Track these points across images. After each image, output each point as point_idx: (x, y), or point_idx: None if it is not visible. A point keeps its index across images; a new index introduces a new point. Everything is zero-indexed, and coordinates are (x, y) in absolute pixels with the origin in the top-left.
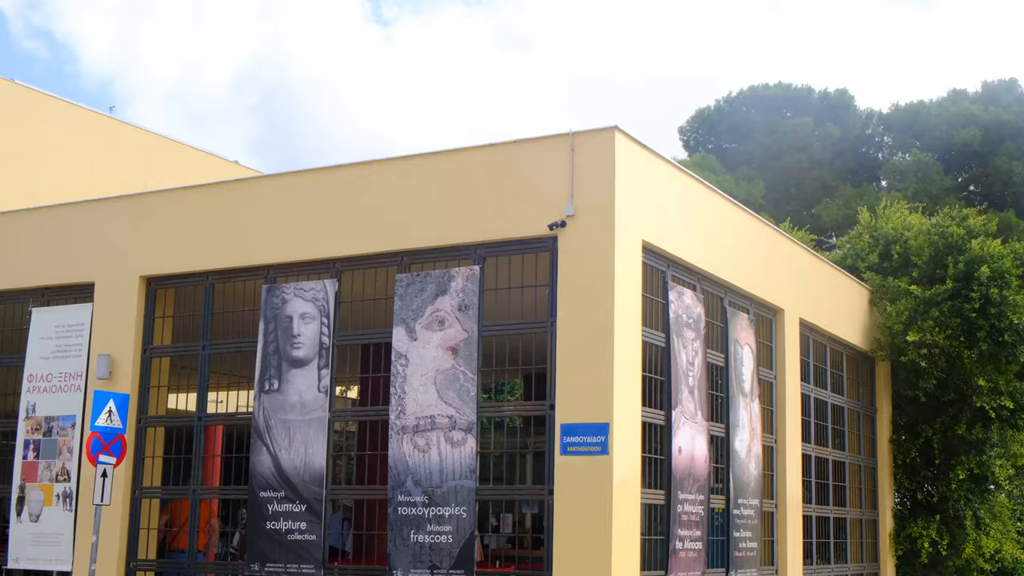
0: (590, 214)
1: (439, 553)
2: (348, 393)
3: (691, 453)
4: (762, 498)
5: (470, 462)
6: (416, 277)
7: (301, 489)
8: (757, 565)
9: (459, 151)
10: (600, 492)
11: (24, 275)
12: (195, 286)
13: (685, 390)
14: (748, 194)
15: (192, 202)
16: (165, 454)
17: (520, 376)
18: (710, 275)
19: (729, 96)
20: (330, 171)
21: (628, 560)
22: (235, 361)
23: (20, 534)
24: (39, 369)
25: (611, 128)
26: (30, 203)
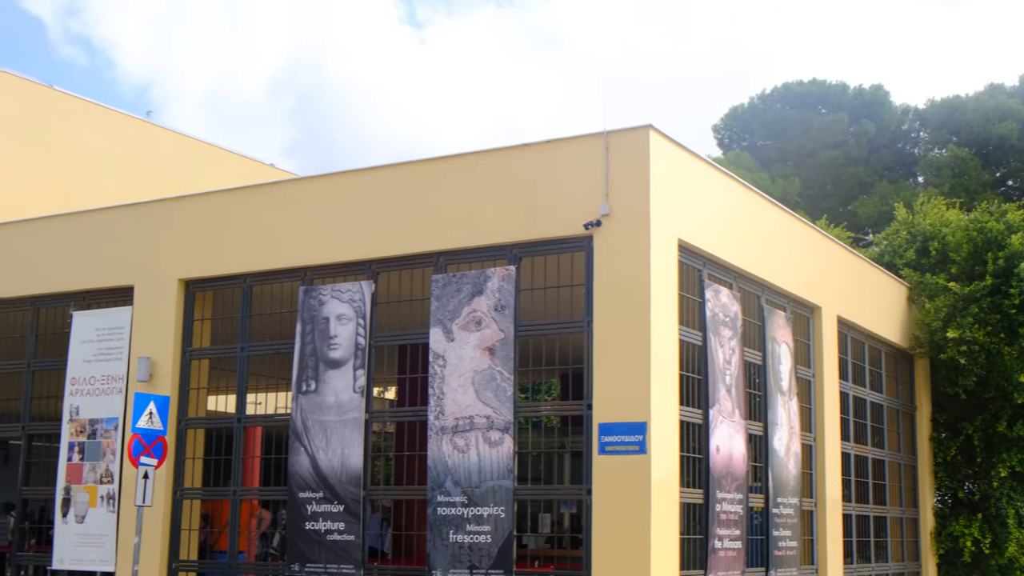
0: (625, 213)
1: (478, 553)
2: (385, 394)
3: (729, 452)
4: (801, 497)
5: (508, 462)
6: (452, 278)
7: (339, 490)
8: (797, 564)
9: (494, 151)
10: (638, 491)
11: (64, 279)
12: (233, 288)
13: (722, 389)
14: (784, 191)
15: (229, 205)
16: (205, 455)
17: (557, 376)
18: (746, 273)
19: (763, 93)
20: (365, 173)
21: (667, 560)
22: (273, 363)
23: (65, 535)
24: (81, 372)
25: (645, 127)
26: (69, 208)
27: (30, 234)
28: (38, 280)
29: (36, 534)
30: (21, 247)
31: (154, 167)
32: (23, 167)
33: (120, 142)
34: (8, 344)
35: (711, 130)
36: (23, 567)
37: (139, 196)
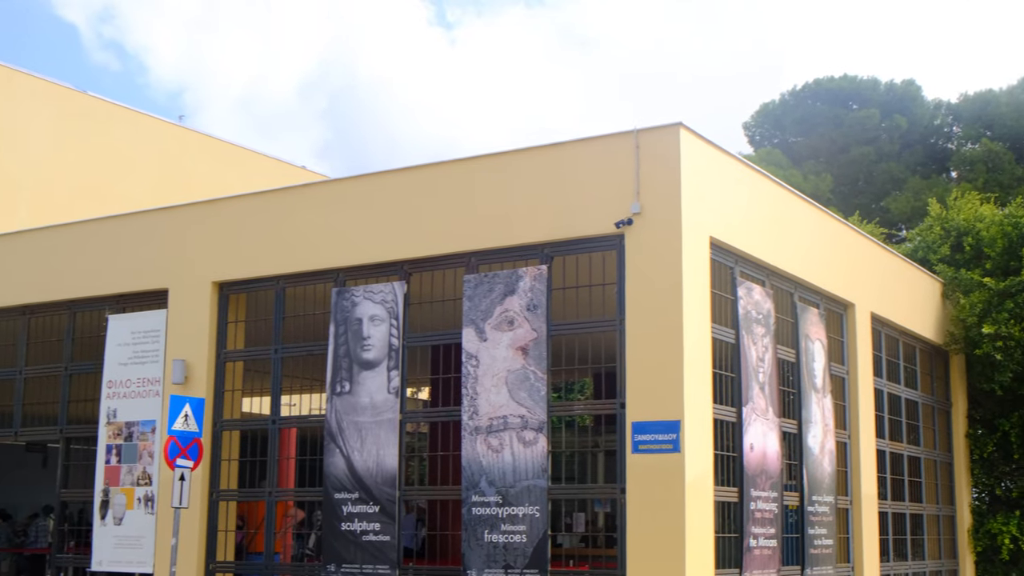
0: (657, 211)
1: (513, 553)
2: (419, 394)
3: (763, 450)
4: (836, 495)
5: (542, 461)
6: (484, 278)
7: (374, 490)
8: (833, 562)
9: (524, 151)
10: (672, 490)
11: (100, 283)
12: (266, 290)
13: (756, 386)
14: (815, 188)
15: (261, 208)
16: (240, 457)
17: (590, 375)
18: (779, 270)
19: (794, 90)
20: (397, 174)
21: (702, 558)
22: (307, 364)
23: (104, 537)
24: (117, 375)
25: (676, 125)
26: (104, 212)
27: (65, 238)
28: (74, 284)
29: (75, 536)
30: (57, 251)
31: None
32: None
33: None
34: (45, 348)
35: (742, 127)
36: (63, 569)
37: (172, 200)
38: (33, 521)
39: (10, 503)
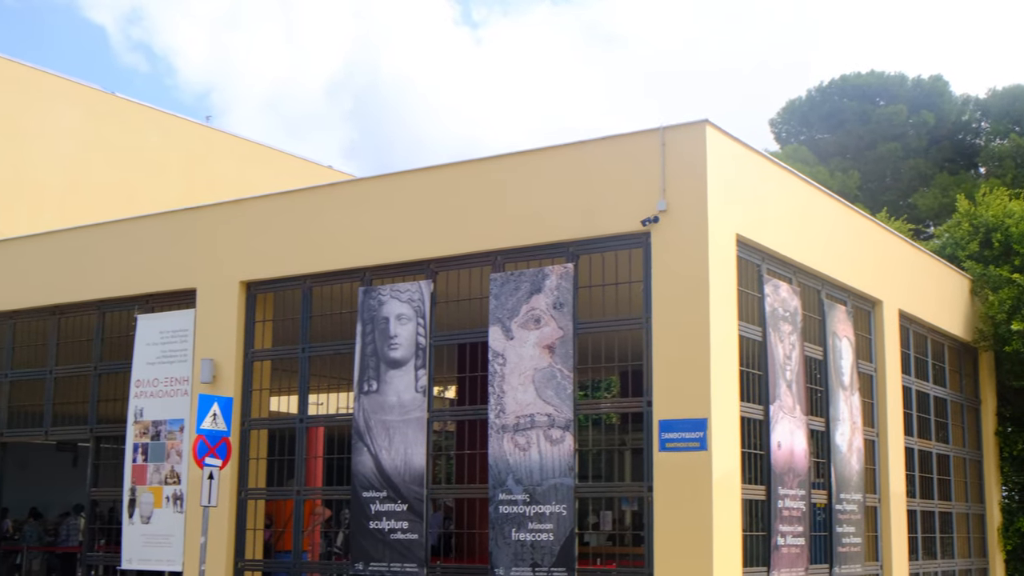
0: (683, 209)
1: (540, 551)
2: (446, 393)
3: (791, 448)
4: (865, 492)
5: (569, 460)
6: (510, 276)
7: (402, 489)
8: (861, 561)
9: (550, 149)
10: (700, 488)
11: (128, 283)
12: (293, 290)
13: (783, 384)
14: (843, 185)
15: (288, 207)
16: (268, 456)
17: (616, 373)
18: (806, 268)
19: (820, 86)
20: (423, 173)
21: (730, 556)
22: (334, 363)
23: (132, 535)
24: (146, 374)
25: (702, 122)
26: (132, 213)
27: (94, 239)
28: (103, 284)
29: (105, 534)
30: (86, 252)
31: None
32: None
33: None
34: (75, 348)
35: (768, 124)
36: (93, 567)
37: (200, 200)
38: (64, 520)
39: (41, 502)
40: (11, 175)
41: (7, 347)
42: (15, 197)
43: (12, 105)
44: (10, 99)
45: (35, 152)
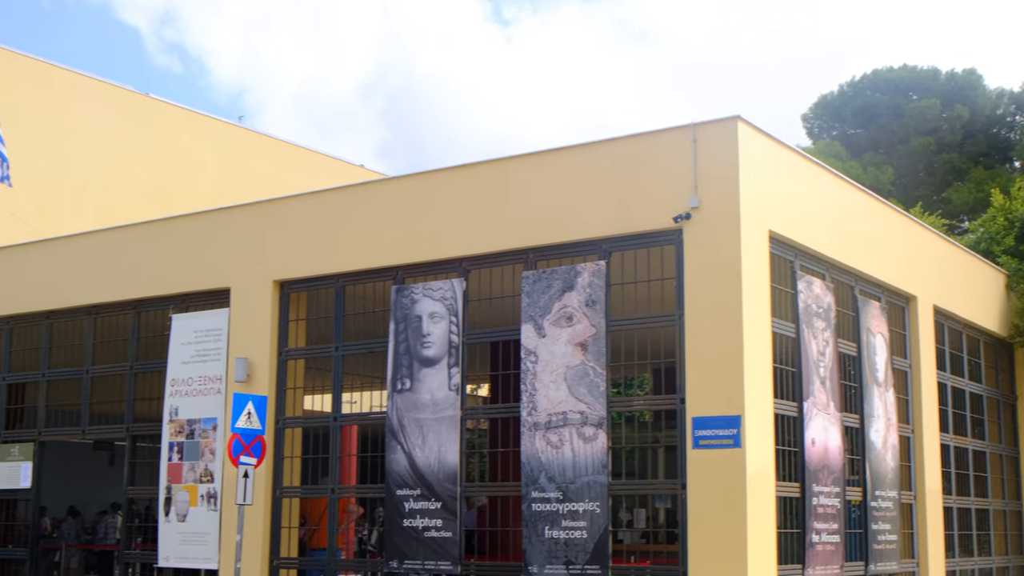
0: (715, 205)
1: (574, 549)
2: (479, 391)
3: (825, 444)
4: (900, 489)
5: (602, 457)
6: (543, 274)
7: (436, 487)
8: (897, 558)
9: (581, 146)
10: (734, 485)
11: (163, 282)
12: (326, 288)
13: (816, 381)
14: (876, 180)
15: (321, 206)
16: (303, 454)
17: (649, 370)
18: (839, 263)
19: (852, 81)
20: (455, 171)
21: (764, 554)
22: (367, 362)
23: (169, 534)
24: (180, 374)
25: (734, 118)
26: (167, 213)
27: (130, 239)
28: (138, 284)
29: (142, 533)
30: (121, 252)
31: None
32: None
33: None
34: (111, 347)
35: (800, 119)
36: (131, 565)
37: (234, 199)
38: (102, 518)
39: (79, 500)
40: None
41: (44, 347)
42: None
43: (48, 107)
44: (46, 101)
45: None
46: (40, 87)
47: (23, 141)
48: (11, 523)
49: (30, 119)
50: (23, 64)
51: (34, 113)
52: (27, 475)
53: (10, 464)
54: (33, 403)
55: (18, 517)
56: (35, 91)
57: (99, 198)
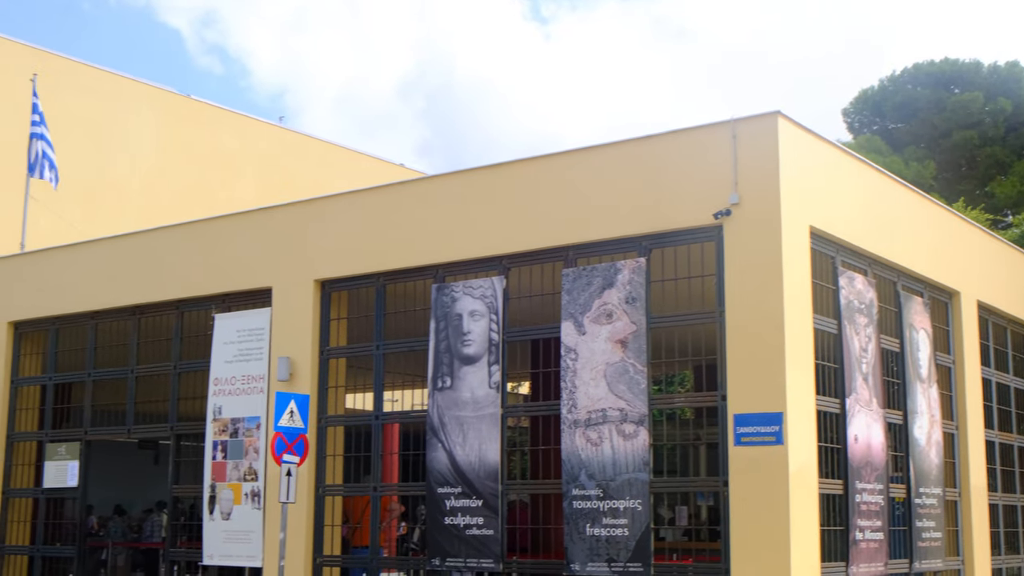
0: (755, 201)
1: (615, 546)
2: (519, 389)
3: (867, 441)
4: (944, 487)
5: (643, 455)
6: (583, 271)
7: (477, 484)
8: (942, 556)
9: (621, 143)
10: (776, 482)
11: (206, 282)
12: (367, 287)
13: (859, 377)
14: (917, 174)
15: (361, 206)
16: (345, 452)
17: (690, 367)
18: (881, 259)
19: (893, 75)
20: (494, 169)
21: (807, 551)
22: (408, 360)
23: (213, 532)
24: (223, 373)
25: (774, 113)
26: (209, 213)
27: (172, 240)
28: (181, 284)
29: (187, 531)
30: (165, 253)
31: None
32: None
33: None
34: (155, 347)
35: (840, 114)
36: (176, 563)
37: (275, 199)
38: (148, 516)
39: (125, 499)
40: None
41: (90, 347)
42: (96, 200)
43: (92, 110)
44: (90, 104)
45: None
46: (84, 90)
47: (68, 144)
48: (59, 521)
49: (74, 122)
50: (67, 67)
51: (78, 116)
52: (74, 474)
53: (57, 463)
54: (79, 403)
55: (66, 515)
56: (79, 94)
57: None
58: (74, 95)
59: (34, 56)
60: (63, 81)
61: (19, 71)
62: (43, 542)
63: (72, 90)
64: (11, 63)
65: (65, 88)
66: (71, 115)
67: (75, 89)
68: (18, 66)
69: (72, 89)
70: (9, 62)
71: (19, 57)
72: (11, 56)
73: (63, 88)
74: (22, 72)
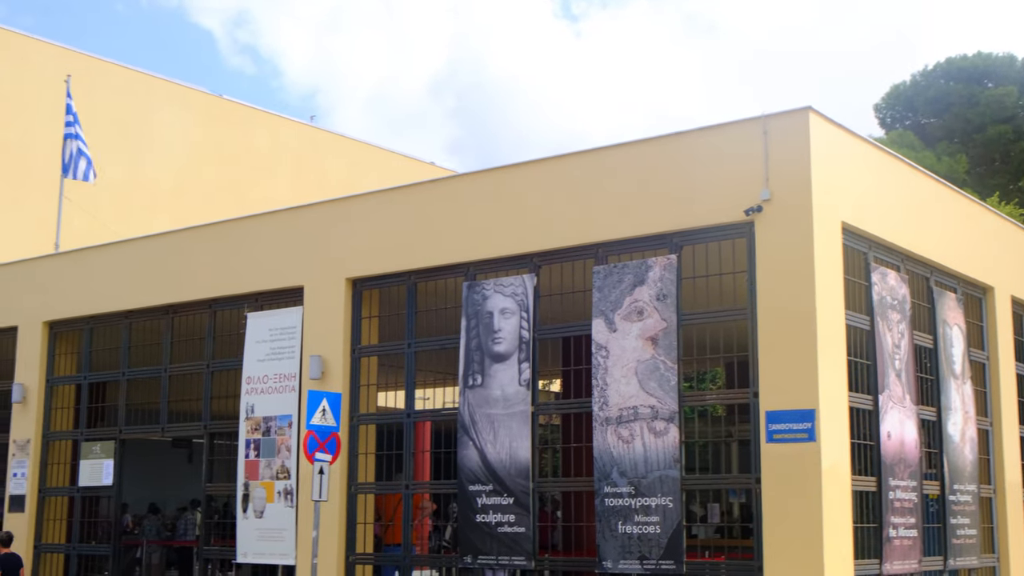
0: (787, 198)
1: (647, 544)
2: (551, 387)
3: (901, 438)
4: (979, 483)
5: (674, 452)
6: (613, 268)
7: (508, 482)
8: (977, 553)
9: (651, 140)
10: (808, 479)
11: (238, 281)
12: (398, 286)
13: (892, 373)
14: (950, 169)
15: (392, 204)
16: (377, 450)
17: (721, 364)
18: (914, 255)
19: (925, 70)
20: (524, 167)
21: (840, 549)
22: (439, 358)
23: (247, 530)
24: (256, 371)
25: (805, 109)
26: (241, 212)
27: (205, 239)
28: (213, 283)
29: (221, 529)
30: (197, 252)
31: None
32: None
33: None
34: (188, 346)
35: (872, 110)
36: (210, 561)
37: (307, 198)
38: (182, 515)
39: (159, 497)
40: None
41: (124, 346)
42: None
43: (125, 110)
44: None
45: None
46: (117, 91)
47: (101, 144)
48: (94, 520)
49: (107, 122)
50: (100, 68)
51: (111, 116)
52: (109, 472)
53: (92, 462)
54: (114, 402)
55: (101, 514)
56: (112, 95)
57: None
58: (107, 96)
59: (68, 57)
60: (96, 82)
61: (53, 73)
62: (79, 540)
63: (105, 91)
64: (45, 65)
65: (98, 89)
66: (104, 116)
67: (108, 90)
68: (52, 68)
69: (105, 90)
70: (43, 64)
71: (53, 59)
72: (45, 58)
73: (96, 89)
74: (56, 74)
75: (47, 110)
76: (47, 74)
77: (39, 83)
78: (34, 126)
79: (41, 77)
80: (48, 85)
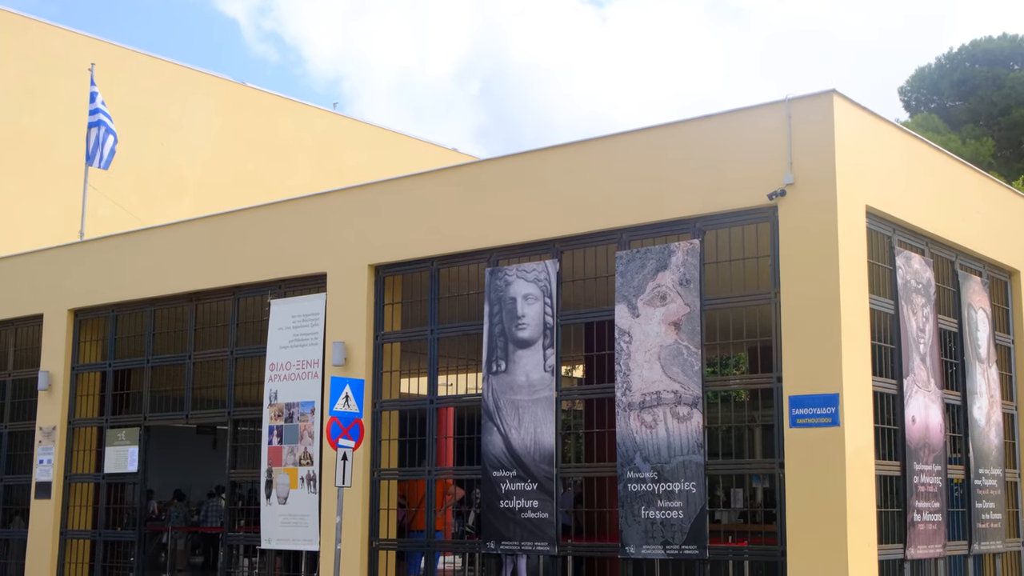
0: (810, 181)
1: (671, 529)
2: (574, 372)
3: (925, 422)
4: (1004, 467)
5: (697, 437)
6: (636, 253)
7: (532, 468)
8: (1002, 537)
9: (674, 124)
10: (832, 464)
11: (262, 268)
12: (421, 272)
13: (916, 358)
14: (975, 152)
15: (414, 190)
16: (400, 436)
17: (745, 349)
18: (939, 238)
19: (950, 52)
20: (547, 152)
21: (864, 533)
22: (462, 344)
23: (270, 516)
24: (279, 358)
25: (829, 92)
26: (265, 199)
27: (229, 226)
28: (237, 270)
29: (245, 515)
30: (220, 239)
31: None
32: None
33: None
34: (212, 333)
35: (897, 93)
36: (235, 546)
37: (330, 185)
38: (207, 501)
39: (184, 484)
40: (151, 166)
41: (148, 333)
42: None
43: (151, 98)
44: (149, 92)
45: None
46: (141, 79)
47: (126, 132)
48: (120, 506)
49: (132, 110)
50: (125, 57)
51: (137, 104)
52: (134, 459)
53: (118, 448)
54: (138, 389)
55: (126, 500)
56: (137, 83)
57: (199, 186)
58: (132, 84)
59: (92, 46)
60: (121, 70)
61: (78, 61)
62: (104, 526)
63: (130, 79)
64: (70, 53)
65: (123, 77)
66: (129, 104)
67: (133, 78)
68: (77, 56)
69: (130, 78)
70: (68, 53)
71: (78, 47)
72: (70, 47)
73: (121, 77)
74: (81, 63)
75: (72, 99)
76: (72, 63)
77: (64, 72)
78: (59, 115)
79: (66, 66)
80: (73, 74)
